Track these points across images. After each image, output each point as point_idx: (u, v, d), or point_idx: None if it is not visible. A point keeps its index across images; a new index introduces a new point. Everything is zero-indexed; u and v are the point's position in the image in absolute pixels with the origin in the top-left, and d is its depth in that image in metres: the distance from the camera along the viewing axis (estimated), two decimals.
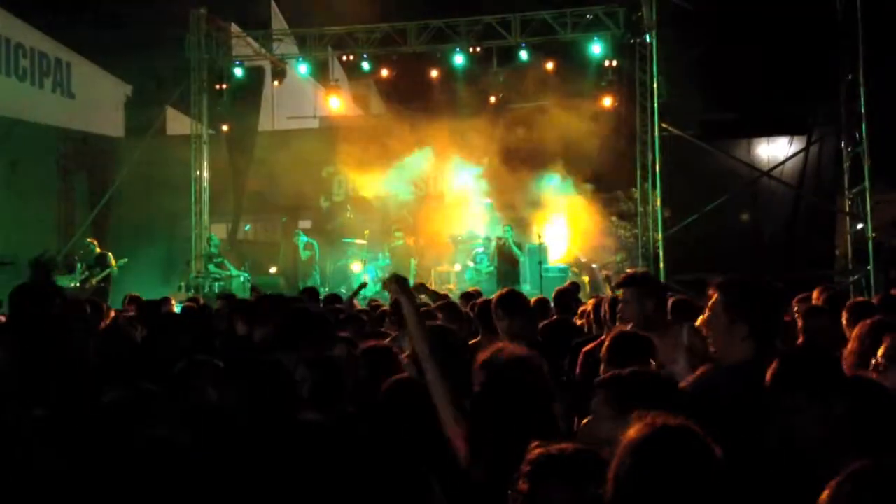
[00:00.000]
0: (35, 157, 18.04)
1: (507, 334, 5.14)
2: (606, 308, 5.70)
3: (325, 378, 3.89)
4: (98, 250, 15.36)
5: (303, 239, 18.11)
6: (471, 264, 17.76)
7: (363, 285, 11.30)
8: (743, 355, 3.35)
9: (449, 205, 19.33)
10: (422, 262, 17.98)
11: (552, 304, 7.63)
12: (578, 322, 7.00)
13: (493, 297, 5.74)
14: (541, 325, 5.97)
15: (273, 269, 19.23)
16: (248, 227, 19.99)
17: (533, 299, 6.98)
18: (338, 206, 19.90)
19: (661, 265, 15.61)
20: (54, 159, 19.18)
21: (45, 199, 18.61)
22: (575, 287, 11.78)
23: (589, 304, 7.23)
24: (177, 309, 9.53)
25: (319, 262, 18.29)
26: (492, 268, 17.29)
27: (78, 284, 14.98)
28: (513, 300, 5.43)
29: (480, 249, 17.94)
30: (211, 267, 17.09)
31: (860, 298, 8.27)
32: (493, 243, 17.09)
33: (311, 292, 8.94)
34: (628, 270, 16.21)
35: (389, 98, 23.47)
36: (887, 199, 15.44)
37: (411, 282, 14.85)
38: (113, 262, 15.23)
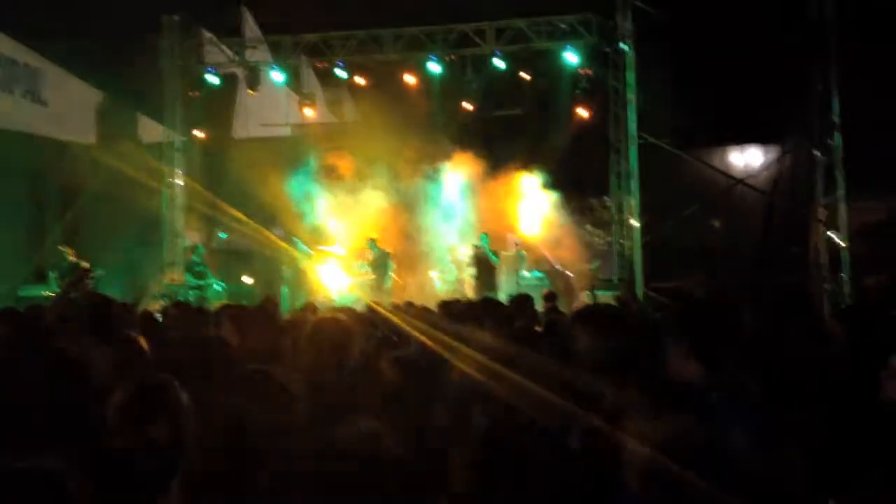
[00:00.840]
0: (5, 165, 17.77)
1: None
2: None
3: None
4: (71, 259, 15.13)
5: (302, 248, 17.86)
6: (435, 274, 17.77)
7: None
8: (688, 374, 3.27)
9: (423, 213, 19.29)
10: (398, 270, 17.92)
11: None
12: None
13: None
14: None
15: (246, 278, 19.08)
16: (223, 234, 19.83)
17: None
18: (313, 216, 19.79)
19: (637, 273, 15.68)
20: (24, 167, 18.91)
21: (15, 208, 18.33)
22: (551, 295, 11.83)
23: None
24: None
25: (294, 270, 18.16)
26: (453, 276, 17.37)
27: (51, 294, 14.77)
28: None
29: (447, 258, 17.94)
30: (188, 276, 16.94)
31: None
32: (471, 251, 17.08)
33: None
34: (603, 278, 16.35)
35: (363, 105, 23.40)
36: (859, 206, 15.61)
37: (388, 284, 14.81)
38: (93, 272, 14.98)
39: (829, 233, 15.06)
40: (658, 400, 2.96)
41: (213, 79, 19.18)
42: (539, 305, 11.10)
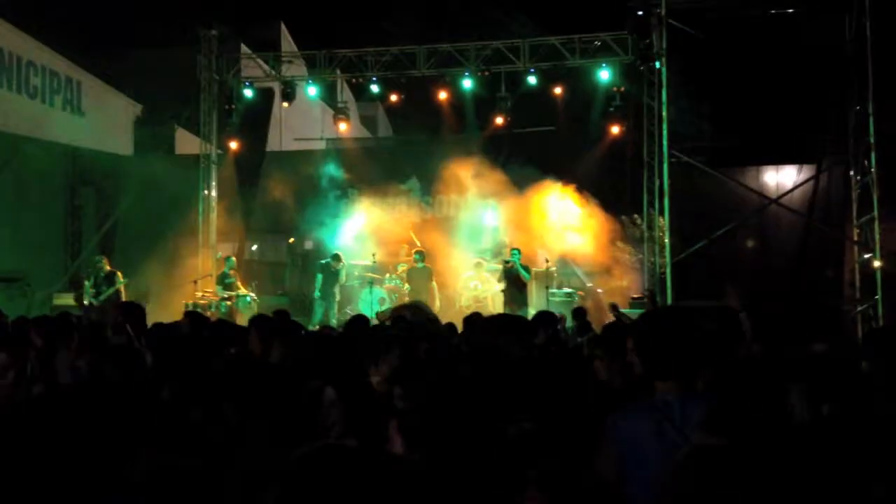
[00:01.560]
0: (44, 175, 18.10)
1: None
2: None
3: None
4: (107, 268, 15.32)
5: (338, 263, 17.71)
6: (464, 291, 17.78)
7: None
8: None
9: (455, 228, 19.36)
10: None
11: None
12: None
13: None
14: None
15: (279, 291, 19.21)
16: (255, 247, 20.00)
17: None
18: (346, 230, 19.92)
19: (668, 291, 15.60)
20: (63, 177, 19.23)
21: (53, 217, 18.65)
22: (581, 311, 11.78)
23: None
24: None
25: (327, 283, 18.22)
26: (479, 292, 17.36)
27: (86, 303, 14.97)
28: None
29: (471, 273, 17.91)
30: (219, 288, 17.09)
31: None
32: (499, 266, 17.06)
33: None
34: (634, 296, 16.32)
35: (397, 120, 23.59)
36: (893, 227, 15.44)
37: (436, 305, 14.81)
38: (122, 280, 15.19)
39: (865, 255, 14.89)
40: None
41: (249, 93, 19.37)
42: (569, 321, 11.12)
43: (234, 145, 19.63)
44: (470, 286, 17.76)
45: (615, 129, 18.24)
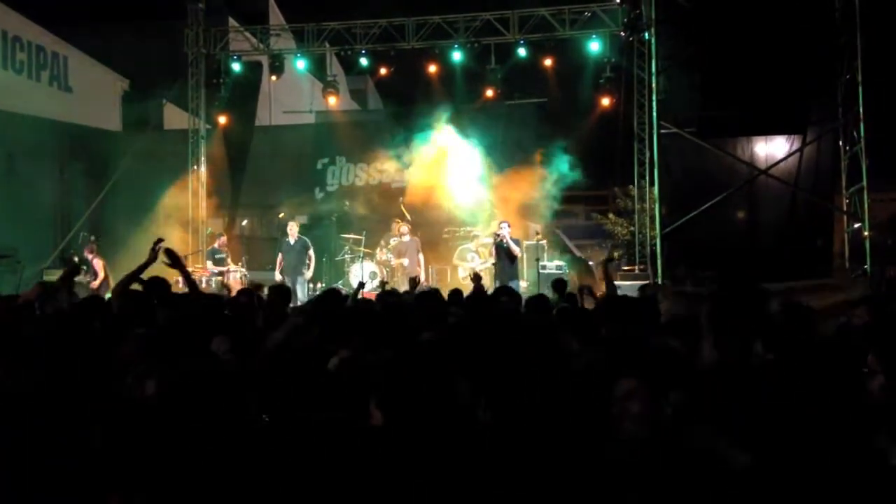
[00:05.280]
0: (32, 151, 17.97)
1: None
2: None
3: None
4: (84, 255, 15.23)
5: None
6: (461, 263, 17.76)
7: (362, 284, 11.14)
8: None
9: (446, 200, 19.34)
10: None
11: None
12: None
13: None
14: None
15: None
16: (245, 221, 19.94)
17: None
18: (333, 198, 19.86)
19: (659, 262, 15.63)
20: (51, 153, 19.11)
21: (42, 193, 18.52)
22: (560, 282, 11.76)
23: None
24: None
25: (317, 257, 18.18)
26: (486, 264, 17.32)
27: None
28: None
29: (470, 245, 17.89)
30: (209, 263, 17.03)
31: None
32: (491, 240, 17.03)
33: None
34: (625, 268, 16.36)
35: (386, 93, 23.49)
36: (884, 197, 15.45)
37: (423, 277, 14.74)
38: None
39: (854, 225, 14.92)
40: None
41: (237, 66, 19.24)
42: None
43: (222, 120, 19.52)
44: (467, 258, 17.76)
45: (606, 101, 18.19)
